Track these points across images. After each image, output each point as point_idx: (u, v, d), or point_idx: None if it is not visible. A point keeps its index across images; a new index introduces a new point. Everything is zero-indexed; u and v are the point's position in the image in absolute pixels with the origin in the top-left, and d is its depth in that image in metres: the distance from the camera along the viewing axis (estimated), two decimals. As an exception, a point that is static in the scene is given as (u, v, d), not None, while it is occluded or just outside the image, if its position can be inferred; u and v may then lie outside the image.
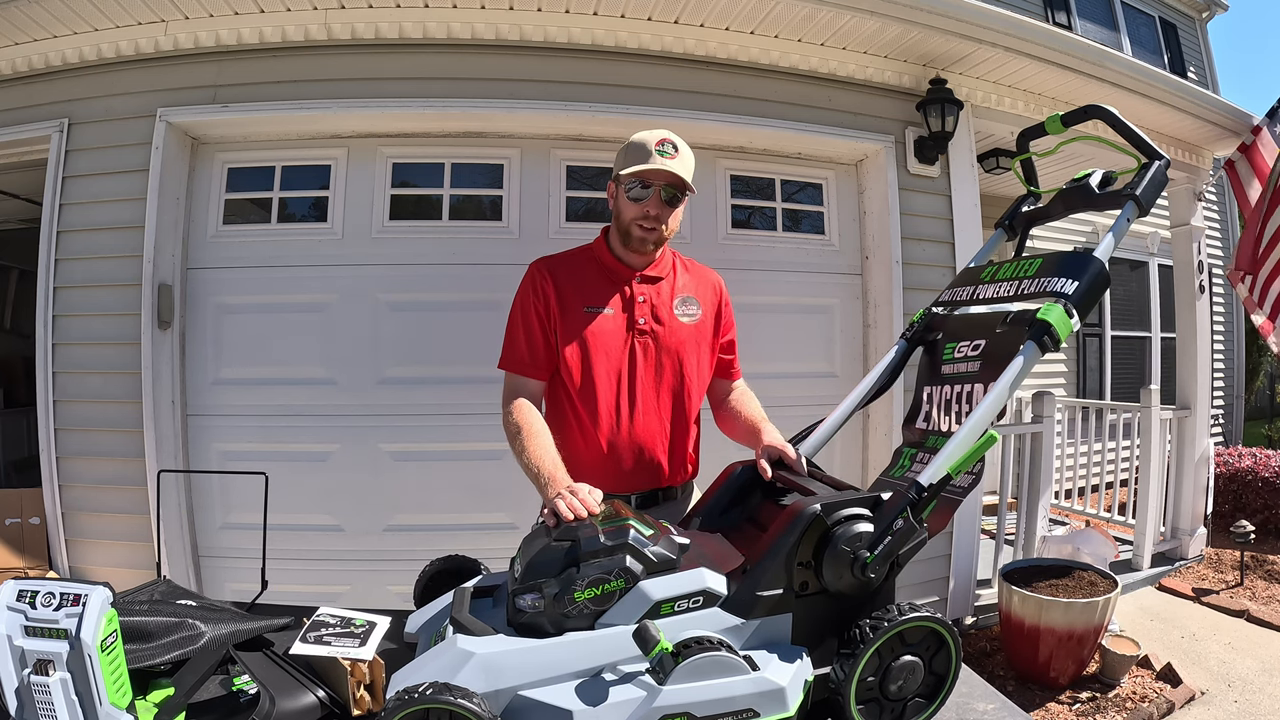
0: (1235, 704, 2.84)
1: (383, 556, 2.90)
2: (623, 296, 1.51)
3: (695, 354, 1.56)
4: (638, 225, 1.46)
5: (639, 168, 1.42)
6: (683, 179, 1.44)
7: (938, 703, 1.13)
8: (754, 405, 1.63)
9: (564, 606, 1.00)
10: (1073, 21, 6.74)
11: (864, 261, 3.38)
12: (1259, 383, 9.60)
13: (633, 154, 1.45)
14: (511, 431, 1.39)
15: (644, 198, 1.44)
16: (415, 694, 0.87)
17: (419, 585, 1.31)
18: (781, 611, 1.06)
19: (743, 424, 1.56)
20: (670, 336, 1.52)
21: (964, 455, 1.12)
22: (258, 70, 2.81)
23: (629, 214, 1.47)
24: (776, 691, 0.98)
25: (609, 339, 1.49)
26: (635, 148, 1.46)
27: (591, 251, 1.57)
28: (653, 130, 1.47)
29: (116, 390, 2.78)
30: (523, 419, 1.39)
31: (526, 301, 1.52)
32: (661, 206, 1.46)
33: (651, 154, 1.42)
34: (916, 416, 1.43)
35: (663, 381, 1.52)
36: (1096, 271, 1.20)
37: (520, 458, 1.34)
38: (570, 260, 1.56)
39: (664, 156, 1.43)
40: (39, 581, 0.88)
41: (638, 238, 1.48)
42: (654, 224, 1.46)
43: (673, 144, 1.45)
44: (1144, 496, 4.17)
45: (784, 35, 3.05)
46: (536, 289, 1.51)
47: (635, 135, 1.48)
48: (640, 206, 1.45)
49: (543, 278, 1.52)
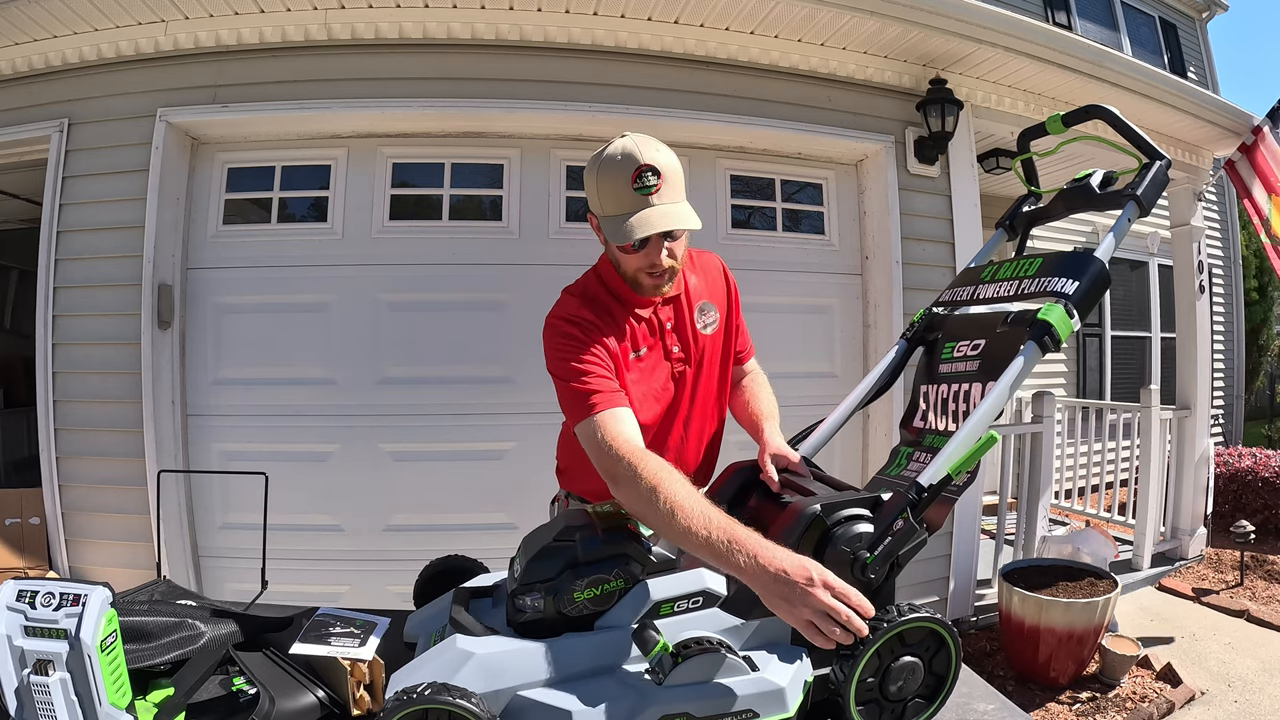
0: (1235, 704, 2.84)
1: (383, 556, 2.90)
2: (651, 328, 1.35)
3: (721, 363, 1.47)
4: (645, 275, 1.26)
5: (627, 228, 1.17)
6: (680, 224, 1.19)
7: (938, 703, 1.12)
8: (762, 395, 1.53)
9: (564, 606, 1.00)
10: (1073, 21, 6.74)
11: (864, 261, 3.38)
12: (1259, 383, 9.59)
13: (609, 196, 1.19)
14: (646, 497, 1.03)
15: (641, 249, 1.23)
16: (414, 694, 0.86)
17: (418, 585, 1.31)
18: None
19: (748, 414, 1.49)
20: (699, 353, 1.41)
21: (964, 456, 1.11)
22: (258, 70, 2.81)
23: (630, 266, 1.26)
24: (776, 692, 0.98)
25: (655, 379, 1.35)
26: (610, 186, 1.18)
27: (609, 288, 1.34)
28: (622, 146, 1.18)
29: (116, 390, 2.78)
30: (660, 479, 1.04)
31: (581, 352, 1.23)
32: (663, 249, 1.23)
33: (633, 196, 1.17)
34: (914, 416, 1.43)
35: (697, 403, 1.44)
36: (1097, 271, 1.19)
37: (679, 527, 0.99)
38: (594, 305, 1.31)
39: (647, 193, 1.17)
40: (39, 581, 0.88)
41: (649, 285, 1.28)
42: (664, 270, 1.26)
43: (652, 169, 1.16)
44: (1144, 496, 4.17)
45: (784, 35, 3.05)
46: (587, 340, 1.25)
47: (602, 160, 1.20)
48: (641, 258, 1.24)
49: (596, 331, 1.26)
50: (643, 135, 1.22)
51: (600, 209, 1.23)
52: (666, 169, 1.19)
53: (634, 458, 1.08)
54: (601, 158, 1.21)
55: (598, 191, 1.22)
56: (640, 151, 1.17)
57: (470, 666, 0.93)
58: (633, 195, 1.17)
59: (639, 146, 1.18)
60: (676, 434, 1.40)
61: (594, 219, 1.28)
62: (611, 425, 1.15)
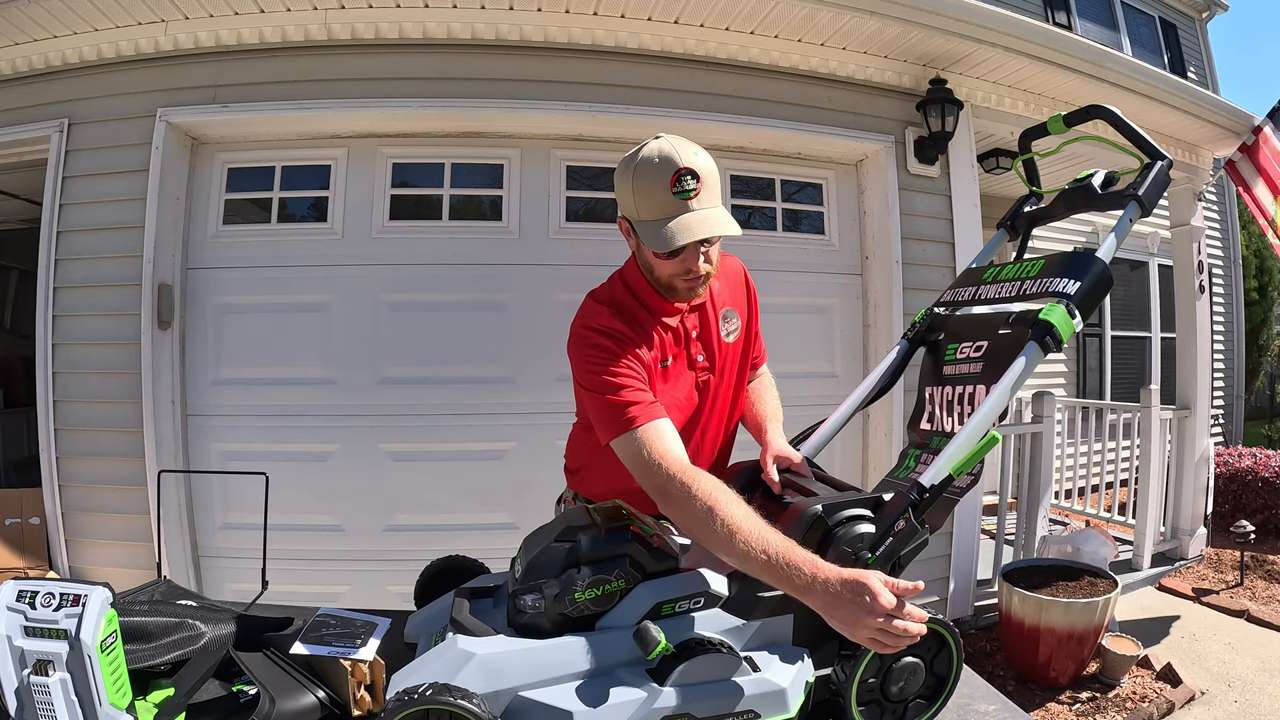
0: (1235, 704, 2.84)
1: (383, 556, 2.90)
2: (677, 337, 1.32)
3: (740, 369, 1.46)
4: (679, 280, 1.23)
5: (666, 233, 1.13)
6: (720, 230, 1.16)
7: (939, 704, 1.13)
8: (768, 397, 1.51)
9: (565, 607, 1.00)
10: (1073, 21, 6.74)
11: (864, 261, 3.38)
12: (1259, 383, 9.59)
13: (645, 200, 1.15)
14: (702, 519, 1.02)
15: (678, 254, 1.19)
16: (415, 694, 0.86)
17: (419, 586, 1.31)
18: (782, 612, 1.06)
19: (752, 415, 1.48)
20: (722, 361, 1.38)
21: (966, 457, 1.11)
22: (258, 70, 2.81)
23: (663, 272, 1.22)
24: (778, 693, 0.98)
25: (679, 388, 1.32)
26: (646, 189, 1.14)
27: (636, 296, 1.30)
28: (658, 148, 1.14)
29: (116, 390, 2.78)
30: (716, 499, 1.02)
31: (613, 363, 1.20)
32: (701, 255, 1.20)
33: (671, 200, 1.13)
34: (921, 417, 1.43)
35: (716, 412, 1.42)
36: (1098, 272, 1.20)
37: (738, 549, 0.98)
38: (624, 315, 1.27)
39: (686, 197, 1.13)
40: (39, 582, 0.88)
41: (684, 289, 1.24)
42: (700, 276, 1.23)
43: (691, 173, 1.13)
44: (1144, 496, 4.17)
45: (784, 35, 3.05)
46: (620, 352, 1.21)
47: (638, 163, 1.15)
48: (676, 264, 1.20)
49: (624, 343, 1.23)
50: (678, 137, 1.17)
51: (635, 213, 1.18)
52: (705, 172, 1.15)
53: (686, 476, 1.06)
54: (637, 160, 1.16)
55: (632, 195, 1.16)
56: (679, 154, 1.13)
57: (471, 667, 0.93)
58: (671, 199, 1.13)
59: (676, 149, 1.14)
60: (694, 442, 1.38)
61: (625, 223, 1.23)
62: (656, 441, 1.12)
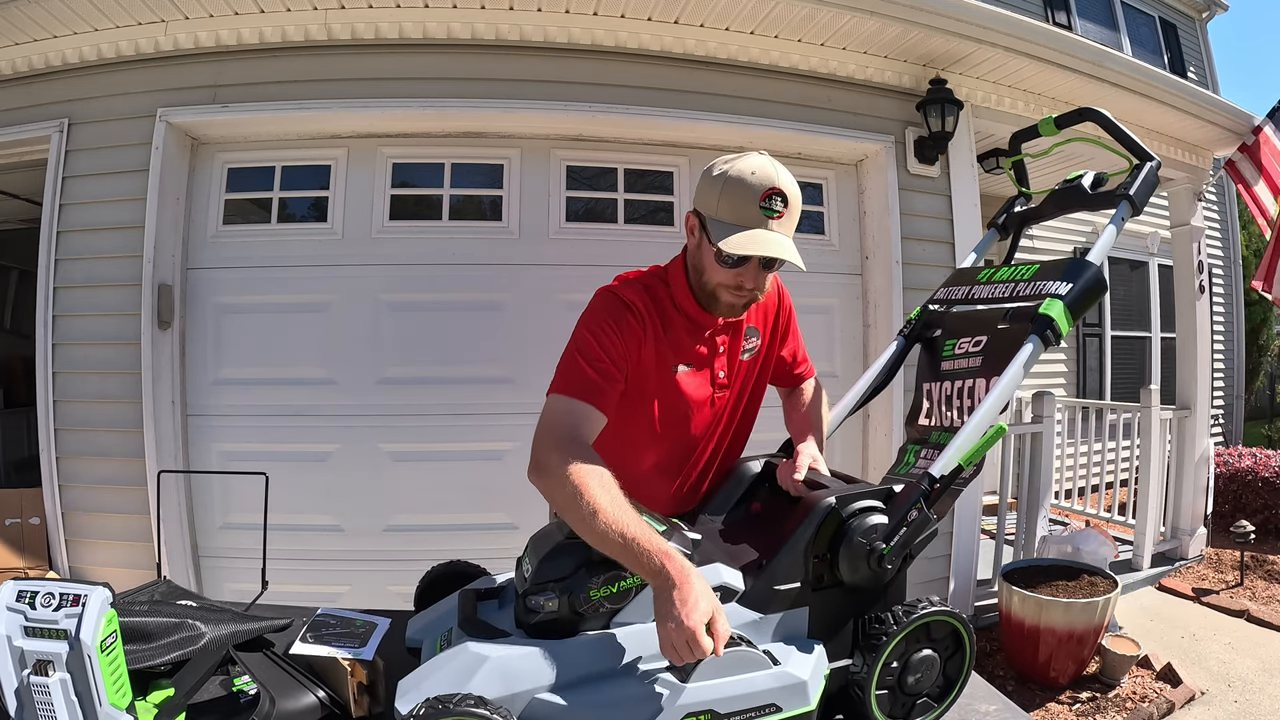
0: (1235, 704, 2.84)
1: (383, 557, 2.90)
2: (706, 348, 1.32)
3: (753, 385, 1.43)
4: (727, 291, 1.22)
5: (740, 239, 1.14)
6: (789, 256, 1.15)
7: (945, 706, 1.14)
8: (809, 409, 1.49)
9: (579, 605, 0.98)
10: (1073, 21, 6.74)
11: (864, 261, 3.38)
12: (1259, 383, 9.60)
13: (730, 204, 1.16)
14: (570, 496, 1.02)
15: (739, 265, 1.19)
16: (451, 705, 0.84)
17: (419, 591, 1.30)
18: (799, 605, 1.07)
19: (794, 425, 1.48)
20: (738, 378, 1.37)
21: (974, 447, 1.13)
22: (258, 70, 2.81)
23: (715, 278, 1.21)
24: (799, 685, 0.98)
25: (694, 397, 1.31)
26: (734, 194, 1.15)
27: (672, 295, 1.29)
28: (759, 163, 1.16)
29: (116, 390, 2.78)
30: (589, 482, 1.02)
31: (608, 338, 1.21)
32: (759, 275, 1.21)
33: (756, 214, 1.14)
34: (919, 413, 1.44)
35: (731, 427, 1.42)
36: (1091, 275, 1.23)
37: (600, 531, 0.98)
38: (656, 306, 1.28)
39: (770, 216, 1.14)
40: (39, 582, 0.87)
41: (726, 303, 1.24)
42: (747, 294, 1.23)
43: (782, 196, 1.15)
44: (1144, 496, 4.17)
45: (784, 35, 3.05)
46: (627, 332, 1.22)
47: (736, 168, 1.17)
48: (732, 275, 1.20)
49: (639, 327, 1.24)
50: (778, 161, 1.20)
51: (714, 212, 1.18)
52: (793, 201, 1.18)
53: (571, 459, 1.06)
54: (735, 165, 1.18)
55: (720, 195, 1.17)
56: (777, 174, 1.16)
57: (485, 671, 0.91)
58: (756, 213, 1.15)
59: (776, 170, 1.17)
60: (704, 456, 1.38)
61: (694, 218, 1.23)
62: (575, 420, 1.13)
